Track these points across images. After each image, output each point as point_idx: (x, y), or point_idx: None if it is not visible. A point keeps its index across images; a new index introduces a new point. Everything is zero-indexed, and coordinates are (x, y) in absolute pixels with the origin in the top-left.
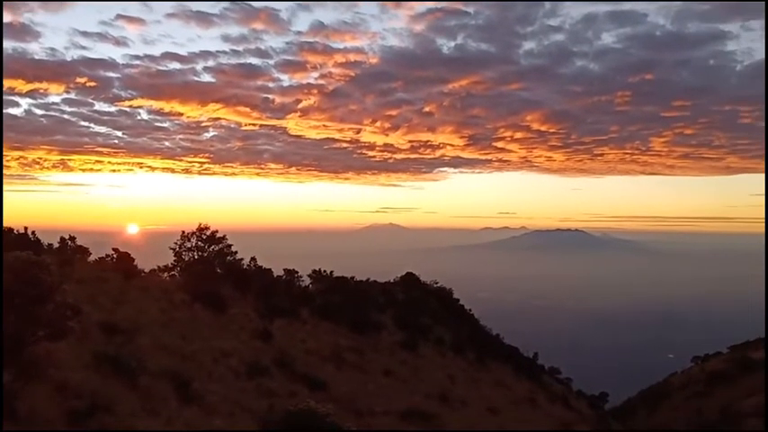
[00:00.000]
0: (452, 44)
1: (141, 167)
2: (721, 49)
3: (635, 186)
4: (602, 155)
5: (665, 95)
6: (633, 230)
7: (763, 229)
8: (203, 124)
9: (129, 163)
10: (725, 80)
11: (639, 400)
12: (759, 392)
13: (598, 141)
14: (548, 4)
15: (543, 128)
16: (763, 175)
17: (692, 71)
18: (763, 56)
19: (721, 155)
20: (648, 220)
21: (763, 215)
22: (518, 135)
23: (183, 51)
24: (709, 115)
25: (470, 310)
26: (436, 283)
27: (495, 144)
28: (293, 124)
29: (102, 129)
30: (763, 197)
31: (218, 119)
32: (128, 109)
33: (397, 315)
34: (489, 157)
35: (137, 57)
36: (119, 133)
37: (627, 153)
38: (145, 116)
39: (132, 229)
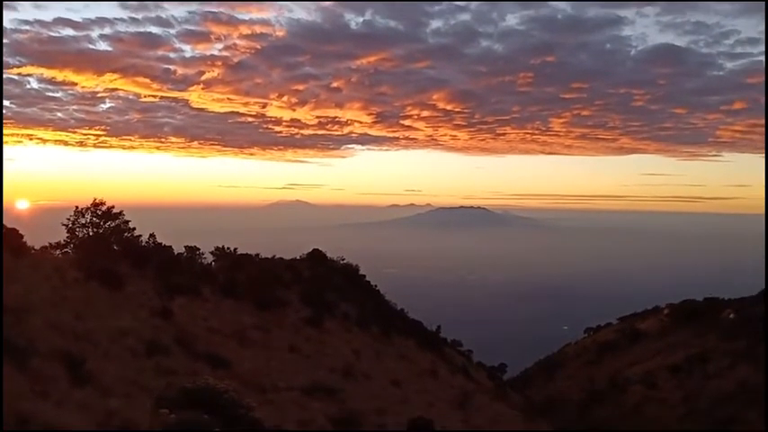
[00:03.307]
0: (361, 20)
1: (31, 139)
2: (617, 34)
3: (535, 165)
4: (504, 134)
5: (565, 77)
6: (532, 208)
7: (648, 207)
8: (99, 95)
9: (17, 134)
10: (620, 64)
11: (536, 370)
12: (644, 361)
13: (500, 121)
14: None
15: (449, 107)
16: (652, 156)
17: (590, 54)
18: (656, 41)
19: (615, 136)
20: (547, 198)
21: (657, 194)
22: (425, 113)
23: (77, 17)
24: (604, 97)
25: (376, 285)
26: (343, 260)
27: (402, 122)
28: (196, 97)
29: None
30: (656, 176)
31: (116, 89)
32: (16, 77)
33: (302, 291)
34: (396, 134)
35: (26, 22)
36: (6, 103)
37: (528, 133)
38: (35, 85)
39: (21, 205)
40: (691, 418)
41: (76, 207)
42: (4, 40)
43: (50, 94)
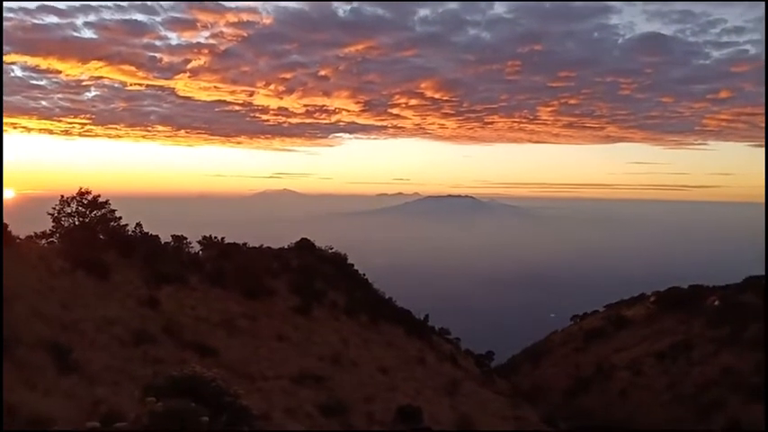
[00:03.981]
0: (348, 7)
1: (15, 128)
2: (605, 23)
3: (522, 154)
4: (492, 123)
5: (552, 66)
6: (520, 196)
7: (634, 196)
8: (84, 83)
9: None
10: (607, 52)
11: (523, 357)
12: (630, 347)
13: (489, 110)
14: None
15: (437, 95)
16: (639, 144)
17: (578, 43)
18: (643, 30)
19: (602, 124)
20: (534, 186)
21: (643, 182)
22: (412, 102)
23: (61, 5)
24: (592, 86)
25: (364, 274)
26: (331, 249)
27: (390, 110)
28: (182, 85)
29: None
30: (642, 164)
31: (101, 78)
32: None
33: (291, 280)
34: (385, 123)
35: (9, 9)
36: None
37: (515, 122)
38: (19, 73)
39: (5, 194)
40: (675, 403)
41: (62, 196)
42: None
43: (34, 82)
